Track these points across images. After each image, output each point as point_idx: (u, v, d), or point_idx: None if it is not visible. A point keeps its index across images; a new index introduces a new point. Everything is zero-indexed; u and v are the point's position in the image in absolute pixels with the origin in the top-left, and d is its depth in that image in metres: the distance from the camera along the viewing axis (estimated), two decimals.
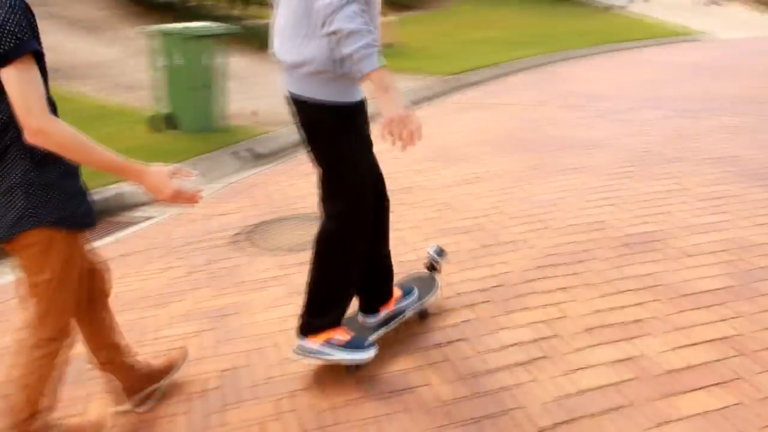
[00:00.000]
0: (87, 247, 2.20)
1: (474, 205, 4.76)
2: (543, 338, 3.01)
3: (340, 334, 2.67)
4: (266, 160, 6.29)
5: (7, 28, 1.74)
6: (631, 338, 2.98)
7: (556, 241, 4.07)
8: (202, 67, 6.70)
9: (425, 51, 12.87)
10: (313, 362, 2.79)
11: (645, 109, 7.95)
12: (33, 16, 1.86)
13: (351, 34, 2.14)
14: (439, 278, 3.46)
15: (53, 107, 1.95)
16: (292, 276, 3.75)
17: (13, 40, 1.74)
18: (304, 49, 2.36)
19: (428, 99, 8.91)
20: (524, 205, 4.73)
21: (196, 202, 2.06)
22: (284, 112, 7.45)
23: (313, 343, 2.66)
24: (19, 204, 1.93)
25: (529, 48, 13.51)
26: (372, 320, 2.94)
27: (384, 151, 6.00)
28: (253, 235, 4.37)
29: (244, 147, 6.41)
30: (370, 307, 2.93)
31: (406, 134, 2.23)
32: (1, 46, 1.73)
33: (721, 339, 2.96)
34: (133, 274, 3.86)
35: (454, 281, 3.59)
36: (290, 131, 6.85)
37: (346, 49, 2.16)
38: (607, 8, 22.26)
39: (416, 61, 11.35)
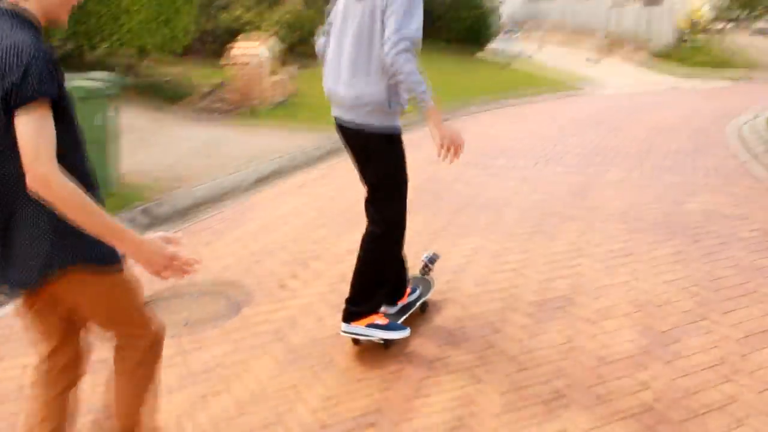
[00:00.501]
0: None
1: None
2: (459, 421, 2.82)
3: (380, 319, 3.34)
4: (165, 224, 5.85)
5: (28, 73, 1.72)
6: (554, 416, 2.84)
7: (466, 312, 3.92)
8: (94, 127, 6.20)
9: (327, 106, 12.72)
10: (361, 338, 3.38)
11: (542, 164, 8.10)
12: (57, 66, 1.82)
13: (412, 75, 2.84)
14: (433, 278, 4.03)
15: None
16: (189, 356, 3.41)
17: (30, 86, 1.72)
18: (365, 88, 3.00)
19: (328, 155, 8.74)
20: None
21: (192, 271, 1.97)
22: (183, 171, 7.06)
23: (360, 325, 3.28)
24: (51, 244, 1.89)
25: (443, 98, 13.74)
26: (392, 310, 3.55)
27: (279, 217, 5.82)
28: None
29: (140, 211, 5.97)
30: (390, 299, 3.55)
31: (454, 149, 3.02)
32: (19, 91, 1.71)
33: (644, 411, 2.87)
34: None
35: (349, 366, 3.33)
36: (188, 192, 6.46)
37: (412, 92, 2.91)
38: (507, 64, 23.14)
39: (317, 115, 11.19)
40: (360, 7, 3.00)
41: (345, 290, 4.23)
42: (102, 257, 1.98)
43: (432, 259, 4.06)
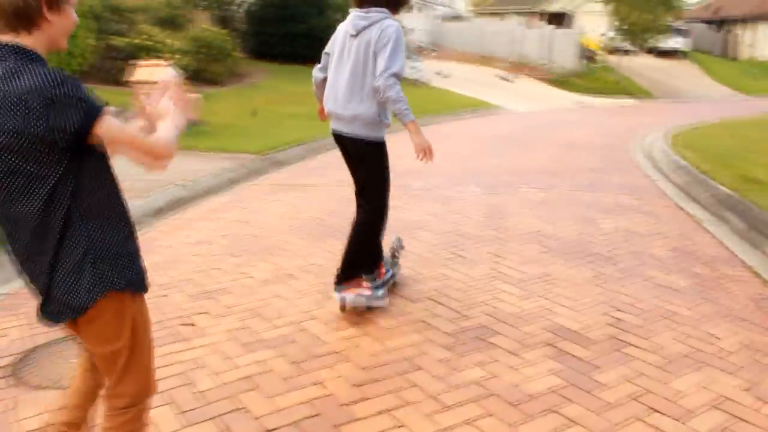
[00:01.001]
0: None
1: (286, 311, 4.16)
2: None
3: (366, 289, 4.05)
4: None
5: (78, 96, 1.75)
6: None
7: (383, 346, 3.66)
8: None
9: (232, 128, 12.27)
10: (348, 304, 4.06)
11: (457, 186, 8.01)
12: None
13: (399, 100, 3.70)
14: (400, 259, 4.74)
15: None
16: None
17: (86, 105, 1.76)
18: (360, 107, 3.81)
19: (236, 181, 8.34)
20: (337, 308, 4.17)
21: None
22: None
23: (350, 293, 4.01)
24: (89, 272, 1.89)
25: (326, 126, 13.55)
26: (371, 282, 4.15)
27: (187, 246, 5.41)
28: (20, 367, 3.48)
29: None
30: (370, 269, 4.18)
31: (429, 154, 3.89)
32: (80, 113, 1.75)
33: None
34: None
35: (261, 413, 2.98)
36: None
37: (396, 109, 3.74)
38: (415, 82, 23.26)
39: (223, 140, 10.71)
40: (356, 43, 3.81)
41: (258, 326, 3.93)
42: (136, 282, 2.03)
43: (398, 246, 4.77)
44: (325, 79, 4.09)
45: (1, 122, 1.72)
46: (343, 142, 4.05)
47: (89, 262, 1.88)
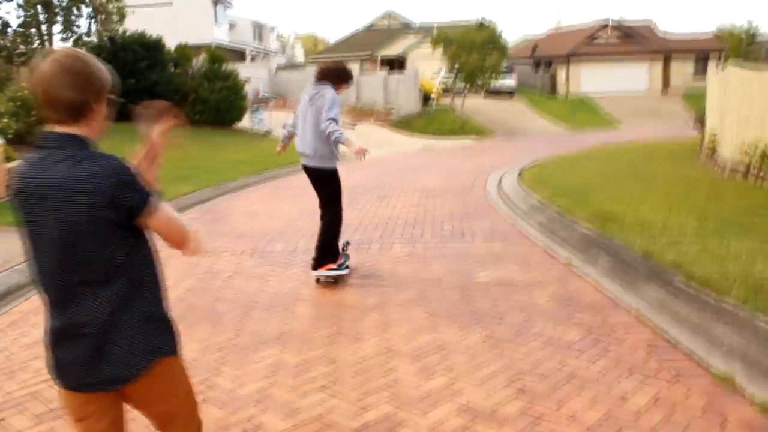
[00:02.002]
0: None
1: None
2: None
3: (331, 268, 5.87)
4: None
5: (136, 181, 2.00)
6: None
7: None
8: None
9: None
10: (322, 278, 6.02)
11: None
12: None
13: (335, 131, 5.47)
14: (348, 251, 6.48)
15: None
16: None
17: (142, 189, 2.01)
18: (319, 146, 5.67)
19: None
20: (216, 407, 3.67)
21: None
22: None
23: (322, 270, 5.87)
24: (141, 340, 2.06)
25: (184, 183, 12.74)
26: (334, 266, 5.94)
27: (21, 347, 4.57)
28: None
29: None
30: (333, 259, 5.94)
31: (363, 153, 5.53)
32: (140, 203, 2.00)
33: None
34: None
35: None
36: None
37: (335, 138, 5.50)
38: (262, 134, 22.74)
39: None
40: (313, 109, 5.72)
41: None
42: (176, 346, 2.20)
43: (345, 244, 6.54)
44: (292, 134, 6.23)
45: (70, 203, 1.94)
46: (309, 172, 6.00)
47: (142, 331, 2.07)
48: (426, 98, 31.40)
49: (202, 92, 23.18)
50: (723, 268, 5.48)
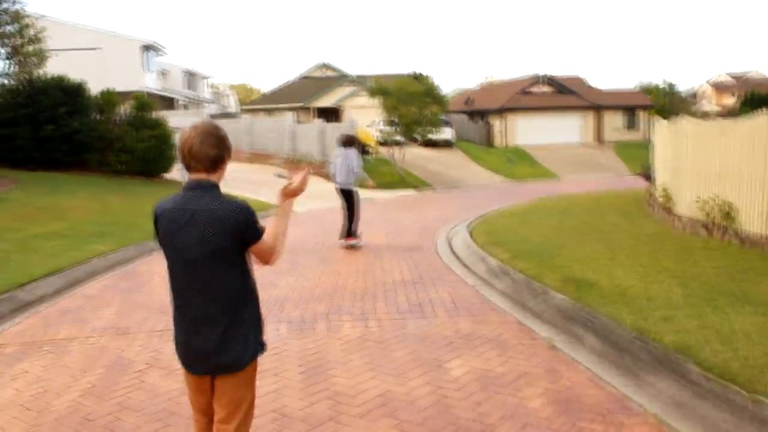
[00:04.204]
0: None
1: None
2: None
3: (356, 239, 11.25)
4: None
5: (255, 218, 2.77)
6: None
7: None
8: None
9: None
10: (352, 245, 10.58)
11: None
12: None
13: (361, 174, 11.73)
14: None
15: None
16: None
17: (259, 227, 2.78)
18: (350, 178, 11.25)
19: None
20: None
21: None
22: None
23: (349, 241, 11.12)
24: (252, 339, 2.82)
25: (104, 240, 11.37)
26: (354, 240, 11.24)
27: None
28: None
29: None
30: (354, 234, 11.22)
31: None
32: (255, 232, 2.76)
33: None
34: None
35: None
36: None
37: (359, 176, 11.66)
38: None
39: None
40: (346, 161, 11.15)
41: None
42: (265, 345, 2.96)
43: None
44: (332, 174, 11.54)
45: (212, 228, 2.68)
46: (342, 191, 11.12)
47: (253, 332, 2.83)
48: (363, 149, 30.67)
49: (128, 140, 21.69)
50: (737, 352, 4.66)
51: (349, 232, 11.11)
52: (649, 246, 9.30)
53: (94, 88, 23.08)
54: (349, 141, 11.55)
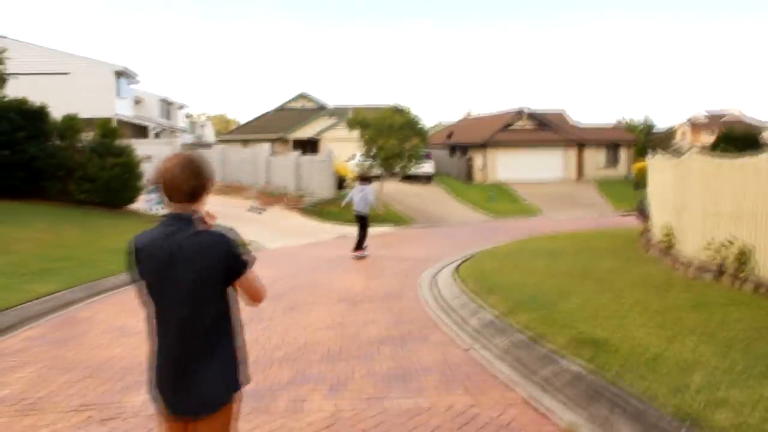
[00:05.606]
0: None
1: None
2: None
3: (363, 252, 14.62)
4: None
5: (241, 250, 2.69)
6: None
7: None
8: None
9: None
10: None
11: None
12: None
13: (372, 203, 15.82)
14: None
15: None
16: None
17: (245, 259, 2.71)
18: (366, 207, 14.97)
19: None
20: None
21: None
22: None
23: (359, 253, 14.53)
24: (229, 375, 2.70)
25: (48, 279, 10.07)
26: (361, 253, 14.76)
27: None
28: None
29: None
30: (361, 247, 14.73)
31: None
32: (242, 265, 2.70)
33: None
34: None
35: None
36: None
37: (372, 205, 15.67)
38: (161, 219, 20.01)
39: None
40: (362, 194, 14.95)
41: None
42: (248, 379, 2.84)
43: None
44: (349, 202, 15.49)
45: (195, 262, 2.61)
46: (358, 216, 14.95)
47: (230, 367, 2.70)
48: (341, 183, 29.56)
49: (90, 168, 20.35)
50: None
51: (360, 246, 14.60)
52: (660, 296, 8.20)
53: (66, 113, 21.78)
54: (366, 179, 15.70)
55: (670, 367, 5.22)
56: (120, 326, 7.63)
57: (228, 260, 2.63)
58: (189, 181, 2.67)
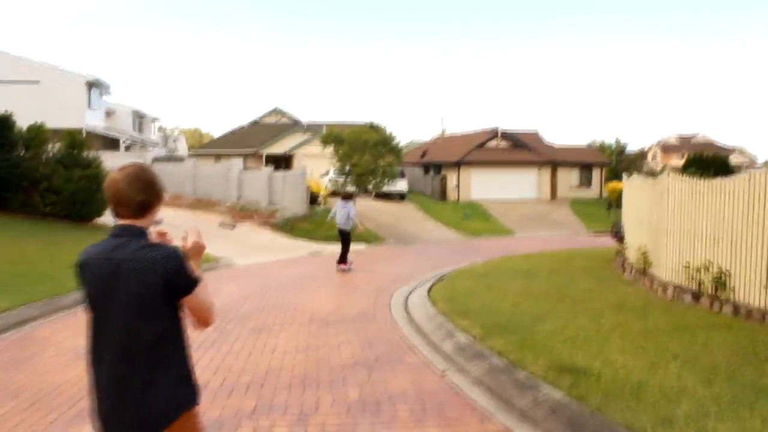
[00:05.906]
0: None
1: None
2: None
3: (347, 265, 15.06)
4: None
5: (187, 267, 2.56)
6: None
7: None
8: None
9: None
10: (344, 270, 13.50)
11: None
12: None
13: (353, 220, 15.42)
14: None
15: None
16: None
17: (192, 276, 2.57)
18: (348, 223, 15.13)
19: None
20: None
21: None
22: None
23: (343, 266, 14.99)
24: (181, 392, 2.56)
25: (1, 295, 9.60)
26: (345, 267, 15.00)
27: None
28: None
29: None
30: (344, 260, 15.09)
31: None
32: (188, 283, 2.55)
33: None
34: None
35: None
36: None
37: (354, 222, 15.48)
38: None
39: None
40: (345, 211, 15.09)
41: None
42: (198, 399, 2.66)
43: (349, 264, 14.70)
44: (333, 218, 15.65)
45: (140, 277, 2.47)
46: (341, 232, 15.12)
47: (181, 384, 2.57)
48: (313, 199, 29.20)
49: (56, 180, 19.77)
50: None
51: (344, 260, 15.00)
52: (640, 319, 8.01)
53: (34, 123, 21.18)
54: (348, 196, 15.67)
55: (656, 396, 4.98)
56: (76, 347, 7.21)
57: (174, 277, 2.49)
58: (136, 195, 2.54)
